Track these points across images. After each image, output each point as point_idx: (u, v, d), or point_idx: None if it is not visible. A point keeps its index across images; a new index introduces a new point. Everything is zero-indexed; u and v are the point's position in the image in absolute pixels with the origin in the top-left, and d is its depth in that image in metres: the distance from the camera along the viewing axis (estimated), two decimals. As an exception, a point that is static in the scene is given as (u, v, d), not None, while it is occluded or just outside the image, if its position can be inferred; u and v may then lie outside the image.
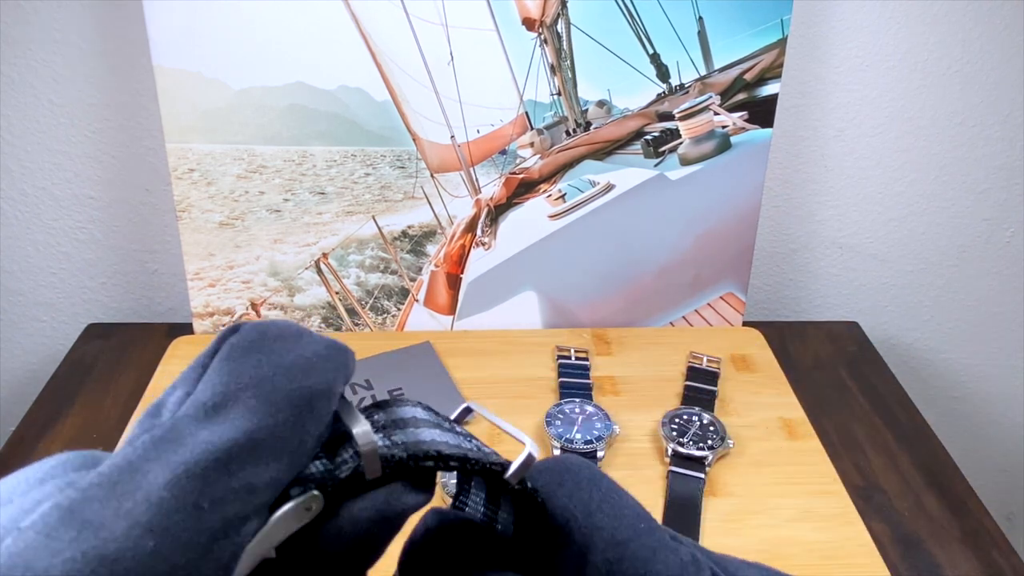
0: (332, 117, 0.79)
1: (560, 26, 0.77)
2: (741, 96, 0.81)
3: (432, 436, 0.23)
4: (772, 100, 0.81)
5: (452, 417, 0.26)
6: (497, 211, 0.84)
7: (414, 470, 0.22)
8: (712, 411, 0.76)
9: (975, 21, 0.85)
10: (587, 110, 0.80)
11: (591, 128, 0.81)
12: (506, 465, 0.23)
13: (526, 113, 0.80)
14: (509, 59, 0.78)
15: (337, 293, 0.86)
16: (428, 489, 0.23)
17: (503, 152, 0.82)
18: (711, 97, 0.80)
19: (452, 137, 0.81)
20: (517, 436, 0.24)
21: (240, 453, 0.19)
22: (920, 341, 1.03)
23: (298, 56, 0.76)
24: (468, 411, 0.26)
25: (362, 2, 0.75)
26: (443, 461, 0.22)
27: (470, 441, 0.24)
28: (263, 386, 0.20)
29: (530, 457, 0.23)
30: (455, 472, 0.23)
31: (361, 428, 0.21)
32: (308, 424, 0.20)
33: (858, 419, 0.80)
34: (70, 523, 0.17)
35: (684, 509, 0.66)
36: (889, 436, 0.78)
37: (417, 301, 0.88)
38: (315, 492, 0.21)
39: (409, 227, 0.85)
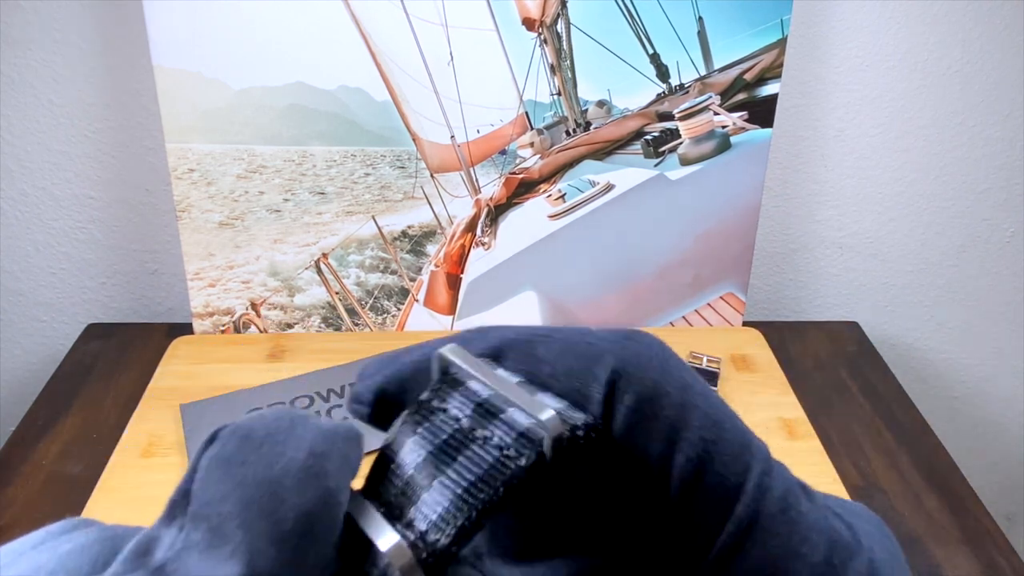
0: (332, 117, 0.79)
1: (560, 26, 0.77)
2: (741, 96, 0.81)
3: (439, 502, 0.19)
4: (772, 100, 0.81)
5: (434, 373, 0.21)
6: (497, 211, 0.84)
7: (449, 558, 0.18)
8: (712, 411, 0.76)
9: (975, 21, 0.85)
10: (587, 110, 0.80)
11: (591, 128, 0.81)
12: (537, 449, 0.19)
13: (526, 113, 0.80)
14: (509, 59, 0.78)
15: (337, 293, 0.86)
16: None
17: (503, 152, 0.82)
18: (711, 97, 0.80)
19: (452, 137, 0.81)
20: (525, 406, 0.20)
21: None
22: (920, 341, 1.03)
23: (298, 56, 0.76)
24: (445, 363, 0.21)
25: (362, 2, 0.75)
26: (467, 536, 0.18)
27: (487, 437, 0.20)
28: (250, 511, 0.17)
29: (551, 442, 0.19)
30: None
31: (387, 539, 0.18)
32: (309, 553, 0.17)
33: (858, 419, 0.80)
34: None
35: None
36: (889, 436, 0.78)
37: (417, 301, 0.88)
38: None
39: (409, 227, 0.85)
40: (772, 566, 0.20)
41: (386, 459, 0.20)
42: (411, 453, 0.20)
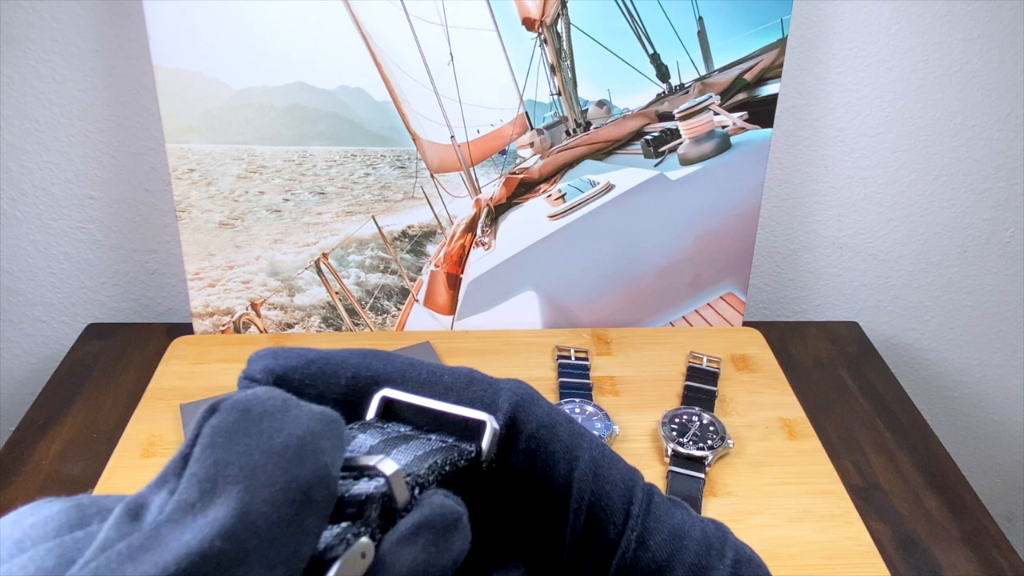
0: (332, 117, 0.79)
1: (560, 26, 0.77)
2: (741, 96, 0.81)
3: (408, 456, 0.21)
4: (772, 100, 0.81)
5: (372, 414, 0.24)
6: (497, 211, 0.84)
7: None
8: (712, 411, 0.76)
9: (975, 21, 0.85)
10: (587, 110, 0.80)
11: (591, 128, 0.81)
12: (478, 449, 0.23)
13: (526, 113, 0.80)
14: (509, 59, 0.78)
15: (337, 293, 0.86)
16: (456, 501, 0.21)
17: (503, 152, 0.82)
18: (711, 97, 0.80)
19: (452, 137, 0.81)
20: (468, 415, 0.23)
21: (226, 557, 0.16)
22: (920, 341, 1.03)
23: (298, 56, 0.76)
24: (387, 401, 0.24)
25: (362, 2, 0.75)
26: (440, 471, 0.21)
27: (427, 438, 0.23)
28: (255, 478, 0.17)
29: (495, 432, 0.22)
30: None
31: (378, 459, 0.20)
32: (306, 521, 0.18)
33: (858, 419, 0.80)
34: None
35: (684, 509, 0.66)
36: (889, 436, 0.78)
37: (417, 301, 0.88)
38: (363, 539, 0.18)
39: (409, 227, 0.85)
40: (666, 549, 0.24)
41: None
42: (366, 441, 0.22)
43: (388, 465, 0.19)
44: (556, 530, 0.24)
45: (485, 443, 0.22)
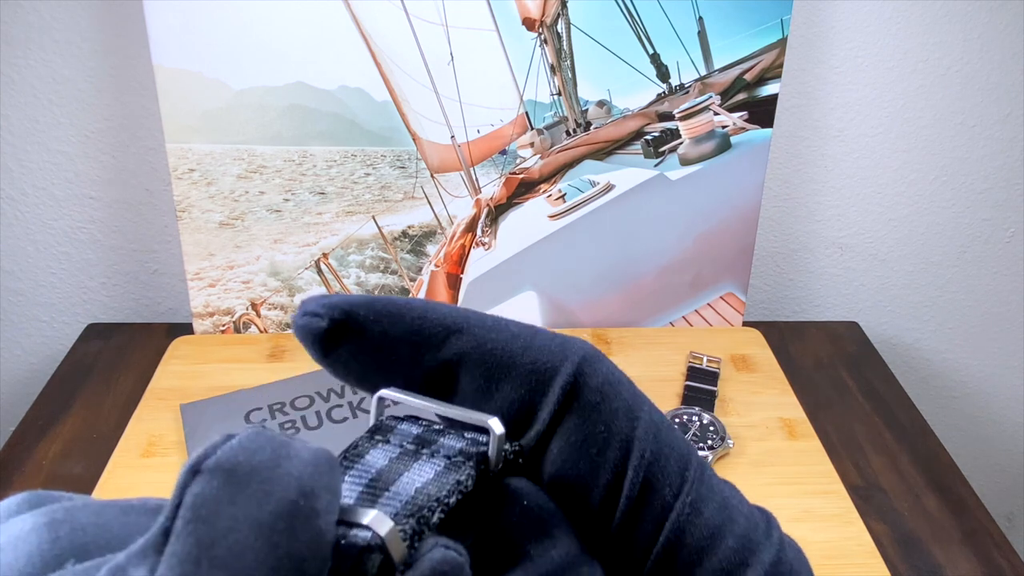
0: (332, 117, 0.79)
1: (560, 26, 0.77)
2: (741, 96, 0.81)
3: (415, 482, 0.20)
4: (772, 100, 0.81)
5: (372, 415, 0.22)
6: (497, 211, 0.84)
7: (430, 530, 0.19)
8: (712, 411, 0.76)
9: (975, 21, 0.85)
10: (587, 110, 0.80)
11: (591, 128, 0.81)
12: (484, 456, 0.22)
13: (526, 113, 0.80)
14: (509, 59, 0.78)
15: (337, 293, 0.86)
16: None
17: (503, 152, 0.82)
18: (711, 97, 0.80)
19: (452, 137, 0.81)
20: (470, 419, 0.22)
21: None
22: (920, 341, 1.03)
23: (298, 56, 0.76)
24: (383, 402, 0.22)
25: (362, 2, 0.75)
26: (446, 506, 0.20)
27: (433, 451, 0.22)
28: (243, 559, 0.16)
29: (500, 439, 0.21)
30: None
31: (371, 518, 0.18)
32: None
33: (858, 419, 0.80)
34: None
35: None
36: (889, 436, 0.78)
37: (417, 301, 0.88)
38: None
39: (409, 227, 0.85)
40: (717, 518, 0.23)
41: (348, 460, 0.21)
42: (375, 461, 0.21)
43: (381, 523, 0.18)
44: (611, 494, 0.23)
45: (491, 452, 0.22)
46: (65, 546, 0.17)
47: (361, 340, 0.21)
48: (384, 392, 0.22)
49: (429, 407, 0.22)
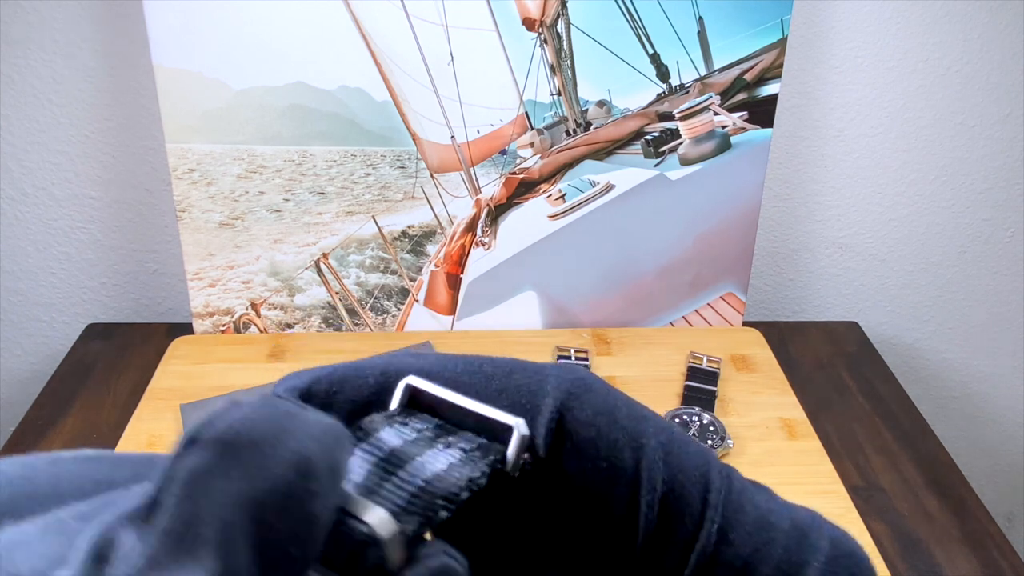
0: (332, 117, 0.79)
1: (560, 26, 0.77)
2: (741, 96, 0.81)
3: (425, 471, 0.20)
4: (772, 100, 0.81)
5: (396, 403, 0.22)
6: (497, 211, 0.84)
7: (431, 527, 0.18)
8: (712, 411, 0.76)
9: (975, 21, 0.85)
10: (587, 110, 0.80)
11: (591, 128, 0.81)
12: (502, 457, 0.21)
13: (526, 113, 0.80)
14: (509, 59, 0.78)
15: (337, 293, 0.86)
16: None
17: (503, 152, 0.82)
18: (711, 97, 0.80)
19: (452, 137, 0.81)
20: (495, 417, 0.21)
21: None
22: (920, 341, 1.03)
23: (298, 56, 0.76)
24: (411, 390, 0.22)
25: (362, 2, 0.75)
26: (455, 501, 0.19)
27: (447, 439, 0.21)
28: (230, 537, 0.15)
29: (523, 440, 0.20)
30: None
31: (377, 515, 0.18)
32: (288, 573, 0.16)
33: (858, 419, 0.80)
34: None
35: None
36: (889, 436, 0.78)
37: (417, 301, 0.88)
38: None
39: (409, 227, 0.85)
40: (750, 543, 0.21)
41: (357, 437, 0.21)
42: (388, 440, 0.20)
43: (383, 524, 0.18)
44: (626, 527, 0.21)
45: (511, 452, 0.20)
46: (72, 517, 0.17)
47: (329, 410, 0.21)
48: (412, 379, 0.22)
49: (456, 400, 0.21)
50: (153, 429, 0.73)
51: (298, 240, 0.84)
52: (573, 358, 0.82)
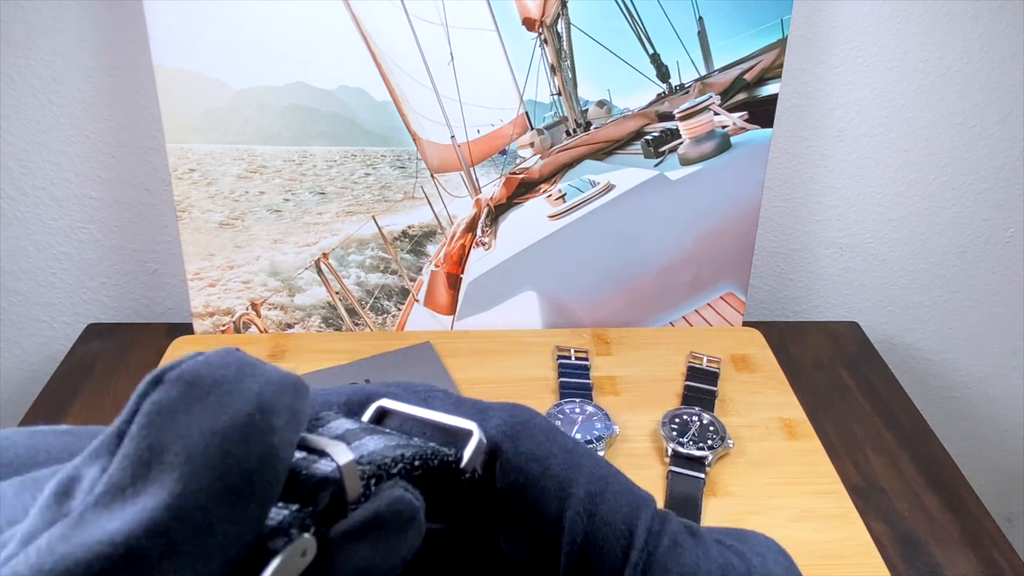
0: (332, 117, 0.79)
1: (560, 26, 0.77)
2: (741, 96, 0.81)
3: (379, 443, 0.21)
4: (772, 100, 0.81)
5: (366, 419, 0.23)
6: (497, 211, 0.84)
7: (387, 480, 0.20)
8: (712, 411, 0.76)
9: (975, 21, 0.85)
10: (587, 110, 0.80)
11: (591, 128, 0.81)
12: (458, 456, 0.21)
13: (526, 113, 0.80)
14: (509, 59, 0.78)
15: (337, 293, 0.86)
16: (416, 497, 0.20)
17: (503, 152, 0.82)
18: (711, 97, 0.80)
19: (452, 137, 0.81)
20: (456, 425, 0.22)
21: (152, 551, 0.15)
22: (920, 341, 1.03)
23: (298, 56, 0.76)
24: (383, 412, 0.23)
25: (362, 2, 0.75)
26: (407, 464, 0.20)
27: (409, 439, 0.22)
28: (192, 463, 0.16)
29: (480, 443, 0.21)
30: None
31: (335, 446, 0.19)
32: (247, 508, 0.16)
33: (858, 419, 0.80)
34: None
35: (684, 509, 0.66)
36: (889, 436, 0.78)
37: (417, 301, 0.88)
38: (305, 535, 0.17)
39: (409, 227, 0.85)
40: None
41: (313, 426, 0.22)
42: (343, 425, 0.22)
43: (342, 453, 0.18)
44: (550, 568, 0.22)
45: (467, 452, 0.21)
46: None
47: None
48: (384, 401, 0.23)
49: (420, 415, 0.23)
50: (153, 429, 0.73)
51: (298, 240, 0.84)
52: (573, 358, 0.82)
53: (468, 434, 0.22)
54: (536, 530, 0.22)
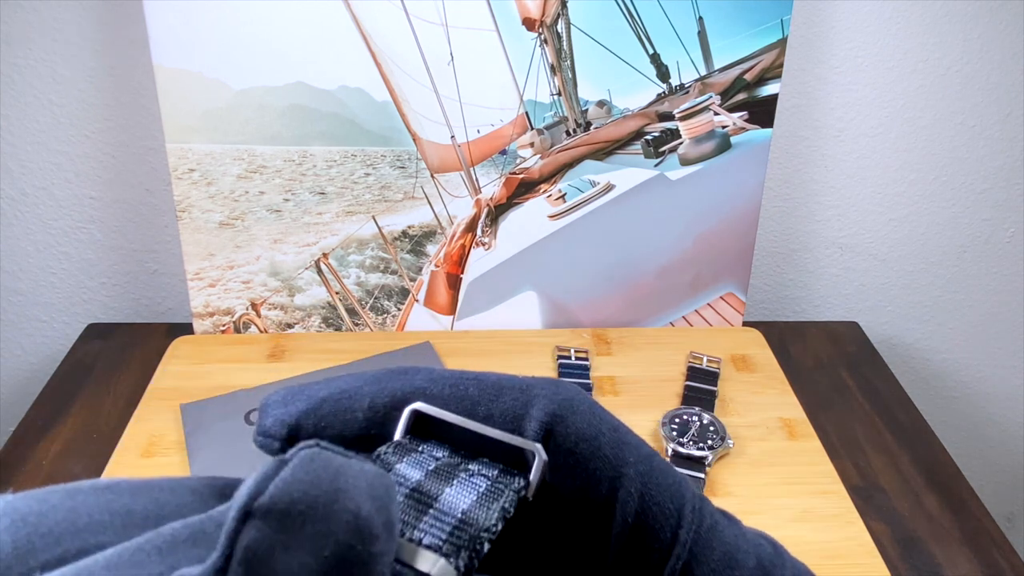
0: (332, 117, 0.79)
1: (560, 26, 0.77)
2: (741, 96, 0.81)
3: (463, 500, 0.19)
4: (772, 100, 0.81)
5: (401, 431, 0.21)
6: (497, 211, 0.84)
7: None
8: (712, 411, 0.76)
9: (975, 21, 0.85)
10: (587, 110, 0.80)
11: (591, 128, 0.81)
12: (527, 485, 0.21)
13: (526, 113, 0.80)
14: (509, 59, 0.78)
15: (337, 293, 0.86)
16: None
17: (503, 152, 0.82)
18: (711, 97, 0.80)
19: (452, 137, 0.81)
20: (513, 442, 0.21)
21: None
22: (920, 341, 1.03)
23: (298, 56, 0.76)
24: (416, 414, 0.22)
25: (362, 2, 0.75)
26: (492, 536, 0.19)
27: (468, 466, 0.21)
28: None
29: (545, 464, 0.20)
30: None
31: (429, 562, 0.18)
32: None
33: (858, 419, 0.80)
34: None
35: (684, 509, 0.66)
36: (889, 436, 0.78)
37: (417, 301, 0.88)
38: None
39: (409, 227, 0.85)
40: None
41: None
42: (408, 473, 0.20)
43: (442, 571, 0.17)
44: (598, 551, 0.21)
45: (533, 477, 0.20)
46: (30, 533, 0.17)
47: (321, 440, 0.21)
48: (419, 406, 0.21)
49: (468, 425, 0.21)
50: (153, 429, 0.73)
51: (298, 240, 0.84)
52: (573, 358, 0.82)
53: (525, 453, 0.20)
54: (587, 511, 0.21)
